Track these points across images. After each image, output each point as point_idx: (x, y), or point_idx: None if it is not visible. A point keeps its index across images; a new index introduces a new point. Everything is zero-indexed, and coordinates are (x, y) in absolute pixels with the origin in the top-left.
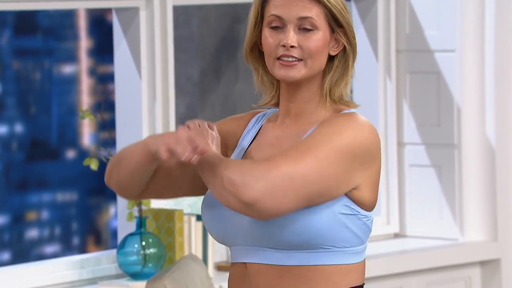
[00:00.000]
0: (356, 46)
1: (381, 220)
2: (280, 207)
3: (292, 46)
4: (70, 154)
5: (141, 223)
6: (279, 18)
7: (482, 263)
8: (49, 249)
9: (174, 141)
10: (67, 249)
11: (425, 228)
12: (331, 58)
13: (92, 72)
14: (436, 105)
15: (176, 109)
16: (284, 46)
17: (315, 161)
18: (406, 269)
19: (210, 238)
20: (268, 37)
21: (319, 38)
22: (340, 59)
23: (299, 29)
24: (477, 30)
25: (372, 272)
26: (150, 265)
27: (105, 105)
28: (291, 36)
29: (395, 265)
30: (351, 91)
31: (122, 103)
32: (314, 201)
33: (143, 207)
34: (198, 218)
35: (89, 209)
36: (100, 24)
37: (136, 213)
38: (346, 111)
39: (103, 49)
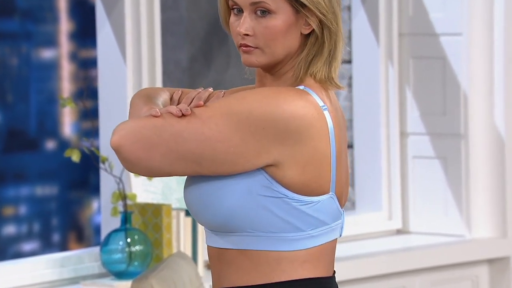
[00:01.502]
0: (331, 22)
1: (383, 216)
2: (149, 161)
3: (246, 34)
4: (50, 145)
5: (126, 218)
6: (235, 3)
7: (490, 261)
8: (28, 246)
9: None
10: (47, 247)
11: (430, 224)
12: (309, 36)
13: (73, 57)
14: (442, 92)
15: None
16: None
17: (196, 120)
18: (409, 268)
19: (199, 235)
20: (232, 24)
21: (276, 23)
22: (317, 37)
23: (255, 13)
24: (485, 12)
25: (373, 271)
26: (135, 263)
27: (87, 93)
28: (245, 24)
29: (397, 263)
30: (350, 78)
31: (105, 90)
32: (201, 165)
33: (128, 202)
34: (187, 213)
35: (70, 203)
36: (82, 6)
37: (120, 208)
38: (300, 87)
39: (85, 33)
